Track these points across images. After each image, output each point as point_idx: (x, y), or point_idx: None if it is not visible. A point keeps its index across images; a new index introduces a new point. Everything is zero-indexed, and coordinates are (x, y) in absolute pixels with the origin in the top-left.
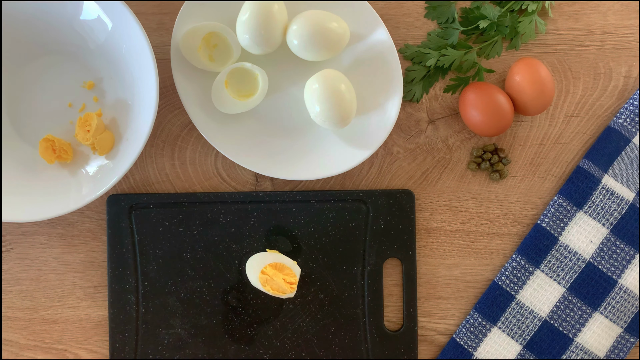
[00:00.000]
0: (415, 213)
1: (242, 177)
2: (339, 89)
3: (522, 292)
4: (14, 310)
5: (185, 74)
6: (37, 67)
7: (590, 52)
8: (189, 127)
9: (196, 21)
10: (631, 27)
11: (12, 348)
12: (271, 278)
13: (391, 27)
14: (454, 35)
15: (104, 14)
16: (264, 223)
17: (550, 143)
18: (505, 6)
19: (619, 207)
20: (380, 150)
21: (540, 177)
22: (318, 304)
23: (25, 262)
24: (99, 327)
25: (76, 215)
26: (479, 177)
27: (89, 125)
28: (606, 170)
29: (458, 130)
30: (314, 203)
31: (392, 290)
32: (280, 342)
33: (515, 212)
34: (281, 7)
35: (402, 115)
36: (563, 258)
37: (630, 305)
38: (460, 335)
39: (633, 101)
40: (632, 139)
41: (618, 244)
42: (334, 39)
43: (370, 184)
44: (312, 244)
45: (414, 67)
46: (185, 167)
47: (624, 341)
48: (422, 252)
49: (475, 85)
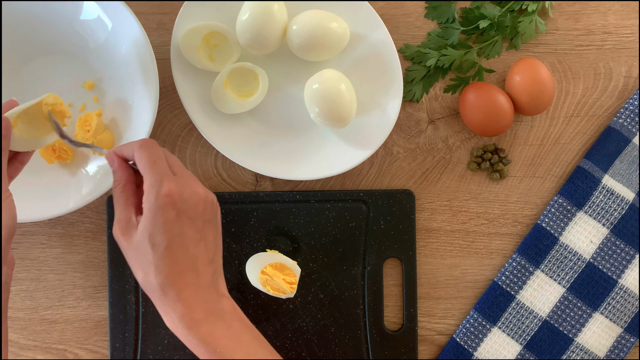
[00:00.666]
0: (415, 213)
1: (242, 177)
2: (339, 89)
3: (522, 292)
4: (14, 310)
5: (185, 74)
6: (37, 67)
7: (590, 52)
8: (189, 127)
9: (196, 21)
10: (631, 27)
11: (12, 348)
12: (271, 278)
13: (391, 27)
14: (454, 35)
15: (104, 14)
16: (264, 223)
17: (550, 143)
18: (505, 6)
19: (619, 207)
20: (380, 150)
21: (540, 177)
22: (318, 304)
23: (25, 262)
24: (99, 327)
25: (76, 215)
26: (479, 177)
27: (89, 125)
28: (606, 170)
29: (458, 130)
30: (314, 203)
31: (392, 290)
32: (280, 342)
33: (515, 212)
34: (281, 7)
35: (402, 115)
36: (563, 258)
37: (630, 305)
38: (460, 335)
39: (633, 101)
40: (632, 139)
41: (618, 244)
42: (334, 39)
43: (370, 184)
44: (312, 244)
45: (414, 67)
46: (186, 167)
47: (624, 341)
48: (422, 252)
49: (475, 85)
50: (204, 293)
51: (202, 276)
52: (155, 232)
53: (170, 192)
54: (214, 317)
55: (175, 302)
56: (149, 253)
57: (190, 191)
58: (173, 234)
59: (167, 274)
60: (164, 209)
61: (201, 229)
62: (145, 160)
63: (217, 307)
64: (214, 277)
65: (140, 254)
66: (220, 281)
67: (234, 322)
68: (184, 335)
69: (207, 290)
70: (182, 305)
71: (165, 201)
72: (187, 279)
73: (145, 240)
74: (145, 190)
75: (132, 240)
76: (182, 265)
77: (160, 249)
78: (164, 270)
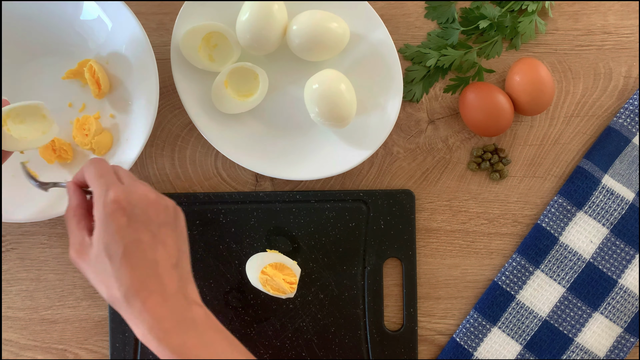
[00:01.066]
0: (415, 213)
1: (242, 177)
2: (339, 89)
3: (522, 292)
4: (14, 310)
5: (185, 74)
6: (37, 67)
7: (590, 52)
8: (189, 127)
9: (196, 21)
10: (631, 27)
11: (12, 348)
12: (271, 278)
13: (391, 27)
14: (454, 35)
15: (104, 14)
16: (264, 223)
17: (550, 143)
18: (505, 6)
19: (619, 207)
20: (380, 150)
21: (540, 177)
22: (318, 304)
23: (25, 262)
24: (99, 327)
25: None
26: (479, 177)
27: (87, 129)
28: (606, 170)
29: (458, 130)
30: (314, 203)
31: (392, 290)
32: (280, 342)
33: (515, 212)
34: (281, 7)
35: (402, 115)
36: (563, 258)
37: (630, 305)
38: (460, 335)
39: (633, 101)
40: (632, 139)
41: (618, 244)
42: (334, 39)
43: (370, 184)
44: (312, 244)
45: (414, 67)
46: (185, 167)
47: (624, 341)
48: (422, 252)
49: (475, 85)
50: (172, 301)
51: (167, 282)
52: (110, 241)
53: (116, 198)
54: (184, 327)
55: (142, 313)
56: (107, 265)
57: (138, 195)
58: (127, 241)
59: (128, 284)
60: (113, 216)
61: (157, 233)
62: (92, 174)
63: (187, 315)
64: (181, 283)
65: (98, 269)
66: (189, 288)
67: (207, 331)
68: (156, 347)
69: (175, 298)
70: (150, 316)
71: (113, 207)
72: (150, 286)
73: (102, 253)
74: (94, 202)
75: (89, 259)
76: (142, 271)
77: (117, 258)
78: (124, 280)
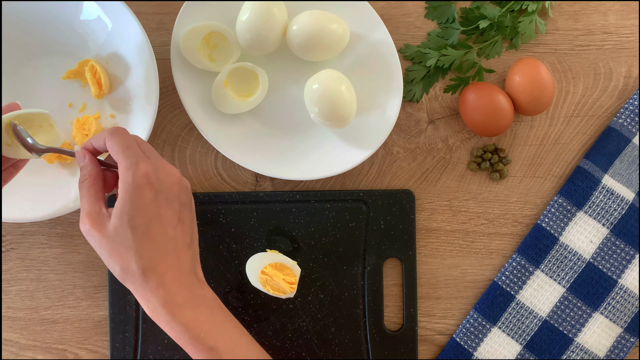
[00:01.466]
0: (415, 213)
1: (242, 177)
2: (339, 89)
3: (522, 292)
4: (14, 310)
5: (185, 74)
6: (37, 67)
7: (590, 52)
8: (189, 127)
9: (196, 21)
10: (631, 27)
11: (12, 348)
12: (271, 278)
13: (391, 27)
14: (454, 35)
15: (104, 14)
16: (264, 223)
17: (550, 143)
18: (505, 6)
19: (619, 207)
20: (380, 150)
21: (540, 177)
22: (318, 304)
23: (25, 262)
24: (99, 327)
25: (76, 215)
26: (479, 177)
27: (87, 129)
28: (606, 170)
29: (458, 130)
30: (314, 203)
31: (392, 290)
32: (280, 342)
33: (515, 212)
34: (281, 7)
35: (402, 115)
36: (563, 258)
37: (630, 305)
38: (460, 335)
39: (633, 101)
40: (632, 139)
41: (618, 244)
42: (334, 39)
43: (370, 184)
44: (312, 244)
45: (414, 67)
46: (185, 167)
47: (624, 341)
48: (422, 252)
49: (475, 85)
50: (185, 278)
51: (182, 260)
52: (135, 214)
53: (147, 172)
54: (196, 303)
55: (158, 287)
56: (129, 238)
57: (166, 172)
58: (152, 215)
59: (149, 257)
60: (141, 190)
61: (178, 211)
62: (118, 145)
63: (199, 292)
64: (193, 262)
65: (116, 242)
66: (198, 269)
67: (216, 309)
68: (167, 321)
69: (187, 275)
70: (164, 290)
71: (142, 181)
72: (169, 262)
73: (125, 225)
74: (121, 173)
75: (105, 230)
76: (163, 247)
77: (140, 232)
78: (146, 254)
